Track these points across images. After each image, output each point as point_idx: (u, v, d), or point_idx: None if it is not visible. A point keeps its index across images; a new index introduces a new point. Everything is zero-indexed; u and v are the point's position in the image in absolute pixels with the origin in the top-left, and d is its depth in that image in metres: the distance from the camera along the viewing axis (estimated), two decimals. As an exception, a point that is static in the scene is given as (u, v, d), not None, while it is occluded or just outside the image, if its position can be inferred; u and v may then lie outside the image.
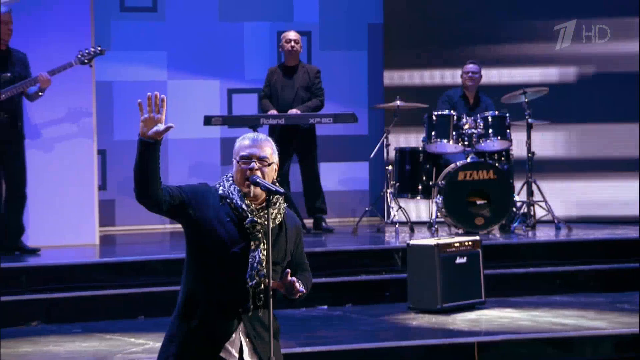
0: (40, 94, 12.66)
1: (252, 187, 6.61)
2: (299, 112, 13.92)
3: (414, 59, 15.33)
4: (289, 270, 6.84)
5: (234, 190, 6.73)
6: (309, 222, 14.04)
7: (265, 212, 6.67)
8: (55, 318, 11.38)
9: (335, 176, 15.19)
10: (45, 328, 11.11)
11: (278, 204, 6.74)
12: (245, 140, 6.81)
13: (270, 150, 6.77)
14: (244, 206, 6.67)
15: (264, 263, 6.67)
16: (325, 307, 11.93)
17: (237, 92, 15.16)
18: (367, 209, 14.35)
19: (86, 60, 12.84)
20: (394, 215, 13.96)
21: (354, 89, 15.46)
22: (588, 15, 15.79)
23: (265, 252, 6.67)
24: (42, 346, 10.50)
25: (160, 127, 6.42)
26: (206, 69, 15.09)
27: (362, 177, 15.46)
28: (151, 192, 6.60)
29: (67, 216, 13.30)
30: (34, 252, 12.43)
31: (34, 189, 12.87)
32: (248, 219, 6.63)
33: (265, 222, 6.65)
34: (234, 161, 6.81)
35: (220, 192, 6.77)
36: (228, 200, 6.73)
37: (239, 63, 15.22)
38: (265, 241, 6.65)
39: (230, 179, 6.80)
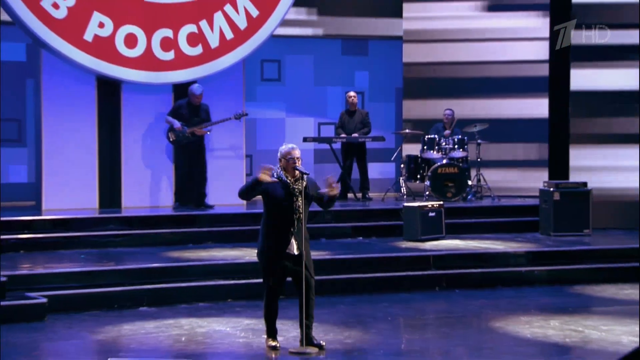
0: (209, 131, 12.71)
1: (296, 172, 7.45)
2: (356, 135, 13.95)
3: (418, 106, 14.90)
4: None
5: (282, 173, 7.48)
6: (359, 194, 14.01)
7: (298, 182, 7.48)
8: (218, 240, 11.76)
9: (376, 170, 14.95)
10: (213, 245, 11.61)
11: (304, 177, 7.48)
12: (287, 148, 7.51)
13: (299, 152, 7.51)
14: (287, 181, 7.45)
15: (301, 207, 7.48)
16: (361, 237, 12.28)
17: (323, 124, 15.15)
18: (389, 188, 14.40)
19: (237, 117, 12.87)
20: (405, 191, 14.11)
21: (387, 123, 15.24)
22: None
23: (301, 201, 7.47)
24: (209, 253, 11.11)
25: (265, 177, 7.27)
26: (306, 111, 15.05)
27: (389, 171, 15.24)
28: (246, 198, 7.56)
29: (228, 188, 12.73)
30: (211, 207, 12.67)
31: (212, 174, 12.96)
32: (292, 187, 7.43)
33: (300, 187, 7.48)
34: (283, 159, 7.50)
35: (275, 176, 7.47)
36: (281, 179, 7.47)
37: (324, 108, 15.17)
38: (300, 196, 7.46)
39: (279, 168, 7.51)
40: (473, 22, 14.84)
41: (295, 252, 7.48)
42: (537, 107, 14.53)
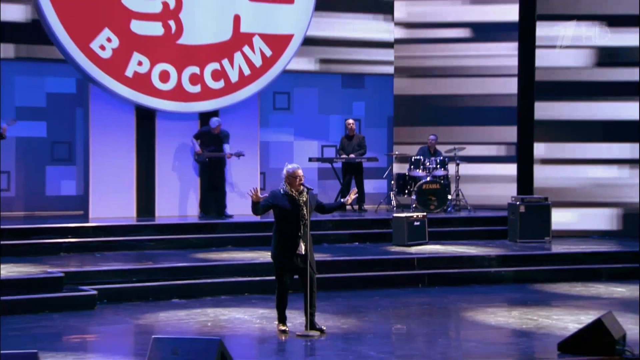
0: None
1: (301, 187, 7.72)
2: (353, 155, 13.90)
3: (407, 133, 14.81)
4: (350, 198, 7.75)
5: (288, 189, 7.76)
6: (356, 206, 13.92)
7: (302, 195, 7.72)
8: (236, 244, 11.87)
9: (370, 185, 14.74)
10: (233, 248, 11.72)
11: (306, 191, 7.73)
12: (292, 168, 7.78)
13: (302, 172, 7.79)
14: (293, 194, 7.72)
15: (306, 215, 7.75)
16: (357, 243, 12.34)
17: (325, 147, 15.10)
18: (381, 201, 14.47)
19: (237, 155, 12.72)
20: (395, 204, 14.08)
21: (380, 146, 15.15)
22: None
23: (305, 210, 7.73)
24: (229, 254, 11.18)
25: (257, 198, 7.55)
26: (311, 135, 14.99)
27: (382, 186, 15.02)
28: (258, 214, 7.80)
29: (245, 201, 11.82)
30: (230, 216, 12.69)
31: (231, 189, 13.00)
32: (297, 199, 7.66)
33: (304, 199, 7.73)
34: (290, 177, 7.70)
35: (282, 191, 7.78)
36: (287, 194, 7.75)
37: (326, 133, 15.10)
38: (304, 206, 7.72)
39: (285, 184, 7.76)
40: (453, 61, 14.76)
41: (303, 252, 7.71)
42: (507, 134, 14.52)
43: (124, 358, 7.55)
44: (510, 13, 14.51)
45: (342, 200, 8.04)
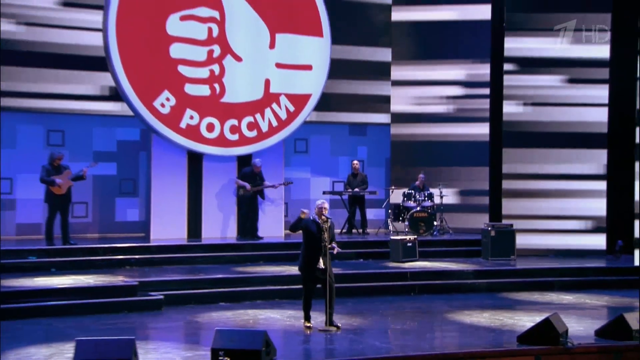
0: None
1: (324, 217, 8.20)
2: (358, 190, 14.13)
3: (403, 172, 14.82)
4: (335, 246, 8.03)
5: (316, 217, 8.24)
6: (360, 230, 14.08)
7: (326, 223, 8.19)
8: (267, 260, 11.98)
9: (371, 213, 14.86)
10: (264, 263, 11.77)
11: (329, 219, 8.25)
12: (320, 202, 8.27)
13: (327, 205, 8.28)
14: (319, 222, 8.22)
15: (327, 239, 8.20)
16: (361, 260, 12.50)
17: (335, 182, 15.13)
18: (380, 226, 14.78)
19: (283, 184, 13.24)
20: (392, 229, 14.23)
21: (379, 181, 15.27)
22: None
23: (326, 235, 8.19)
24: (261, 268, 11.35)
25: (306, 216, 8.02)
26: (324, 173, 15.07)
27: (381, 214, 15.19)
28: (294, 231, 8.28)
29: (274, 225, 13.36)
30: (261, 238, 12.89)
31: (261, 215, 13.24)
32: (321, 225, 8.15)
33: (326, 226, 8.19)
34: (317, 208, 8.21)
35: (312, 218, 8.26)
36: (315, 221, 8.24)
37: (335, 171, 15.17)
38: (326, 232, 8.19)
39: (314, 214, 8.26)
40: (441, 111, 14.79)
41: (322, 266, 8.22)
42: (481, 173, 14.71)
43: (188, 345, 8.07)
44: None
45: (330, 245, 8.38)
